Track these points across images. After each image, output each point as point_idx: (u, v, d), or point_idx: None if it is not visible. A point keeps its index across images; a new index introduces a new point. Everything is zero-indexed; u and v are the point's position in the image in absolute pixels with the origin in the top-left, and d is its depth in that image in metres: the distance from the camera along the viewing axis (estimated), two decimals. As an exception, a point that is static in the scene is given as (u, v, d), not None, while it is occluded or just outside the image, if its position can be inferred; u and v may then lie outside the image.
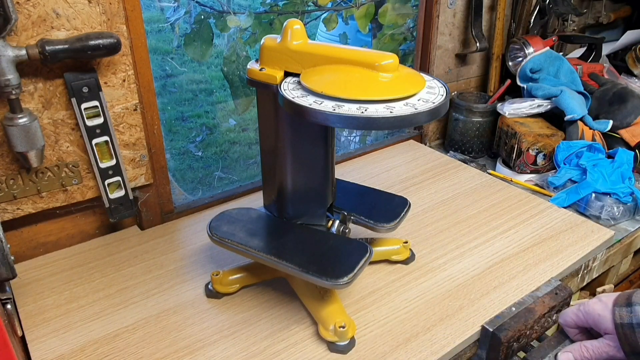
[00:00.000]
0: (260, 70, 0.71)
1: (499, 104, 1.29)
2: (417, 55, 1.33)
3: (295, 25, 0.69)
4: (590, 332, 0.67)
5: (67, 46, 0.76)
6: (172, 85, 1.50)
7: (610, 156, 1.15)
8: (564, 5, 1.43)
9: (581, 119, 1.20)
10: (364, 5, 1.39)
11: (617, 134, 1.22)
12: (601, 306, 0.62)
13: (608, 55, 1.59)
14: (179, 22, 1.28)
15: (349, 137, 1.68)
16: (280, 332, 0.77)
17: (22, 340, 0.76)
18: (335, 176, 0.84)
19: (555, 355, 0.69)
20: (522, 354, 0.85)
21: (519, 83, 1.33)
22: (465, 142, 1.34)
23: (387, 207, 0.87)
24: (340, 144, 1.66)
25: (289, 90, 0.66)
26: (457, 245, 0.96)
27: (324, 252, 0.75)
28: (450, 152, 1.36)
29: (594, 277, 1.04)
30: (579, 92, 1.27)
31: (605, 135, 1.22)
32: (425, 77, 0.69)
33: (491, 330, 0.77)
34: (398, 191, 1.07)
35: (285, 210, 0.81)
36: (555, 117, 1.25)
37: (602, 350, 0.62)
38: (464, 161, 1.30)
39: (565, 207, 1.08)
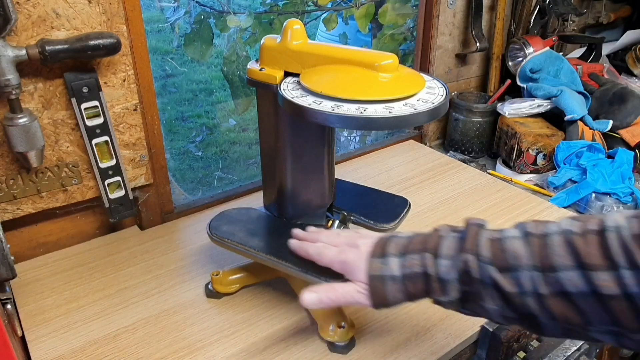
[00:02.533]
0: (260, 70, 0.71)
1: (499, 104, 1.29)
2: (417, 55, 1.33)
3: (295, 25, 0.69)
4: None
5: (67, 46, 0.76)
6: (172, 85, 1.50)
7: (610, 156, 1.15)
8: (564, 5, 1.43)
9: (581, 119, 1.20)
10: (364, 5, 1.39)
11: (617, 134, 1.22)
12: (358, 256, 0.58)
13: (608, 55, 1.59)
14: (179, 22, 1.28)
15: (349, 137, 1.68)
16: (280, 332, 0.77)
17: (22, 340, 0.76)
18: (335, 176, 0.84)
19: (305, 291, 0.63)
20: (522, 354, 0.85)
21: (519, 83, 1.33)
22: (465, 142, 1.34)
23: (387, 207, 0.87)
24: (340, 144, 1.66)
25: (289, 90, 0.66)
26: (457, 245, 0.96)
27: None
28: (450, 152, 1.36)
29: (594, 277, 1.03)
30: (579, 92, 1.27)
31: (605, 135, 1.22)
32: (425, 77, 0.69)
33: (491, 330, 0.77)
34: (398, 191, 1.07)
35: (285, 210, 0.81)
36: (555, 117, 1.25)
37: (351, 296, 0.58)
38: (464, 161, 1.30)
39: (565, 207, 1.08)
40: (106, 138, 0.87)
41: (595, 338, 0.48)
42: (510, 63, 1.39)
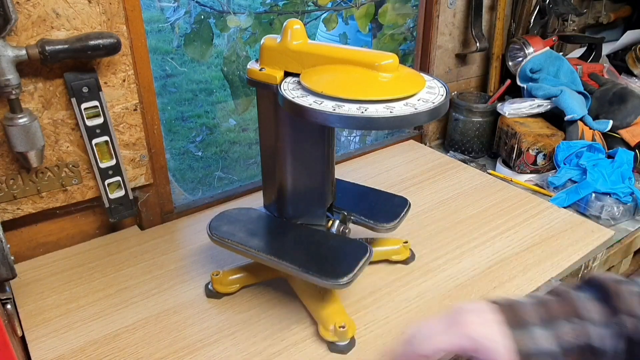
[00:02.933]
0: (260, 70, 0.71)
1: (499, 104, 1.29)
2: (417, 55, 1.33)
3: (295, 25, 0.69)
4: None
5: (67, 46, 0.76)
6: (172, 85, 1.50)
7: (610, 156, 1.15)
8: (564, 5, 1.43)
9: (581, 119, 1.20)
10: (364, 5, 1.39)
11: (617, 134, 1.22)
12: (488, 328, 0.46)
13: (608, 55, 1.59)
14: (179, 22, 1.28)
15: (349, 137, 1.68)
16: (280, 332, 0.77)
17: (22, 340, 0.76)
18: (335, 176, 0.84)
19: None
20: (522, 354, 0.85)
21: (519, 83, 1.33)
22: (465, 142, 1.34)
23: (387, 207, 0.87)
24: (340, 144, 1.65)
25: (289, 90, 0.66)
26: (457, 245, 0.96)
27: (324, 252, 0.75)
28: (450, 152, 1.36)
29: (594, 277, 1.03)
30: (579, 92, 1.27)
31: (605, 135, 1.22)
32: (425, 77, 0.69)
33: (491, 330, 0.77)
34: (398, 191, 1.07)
35: (285, 210, 0.81)
36: (555, 117, 1.25)
37: None
38: (464, 161, 1.30)
39: (565, 207, 1.08)
40: (106, 138, 0.87)
41: None
42: (510, 63, 1.39)
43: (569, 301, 0.47)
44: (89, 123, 0.84)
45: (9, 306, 0.75)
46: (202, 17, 1.23)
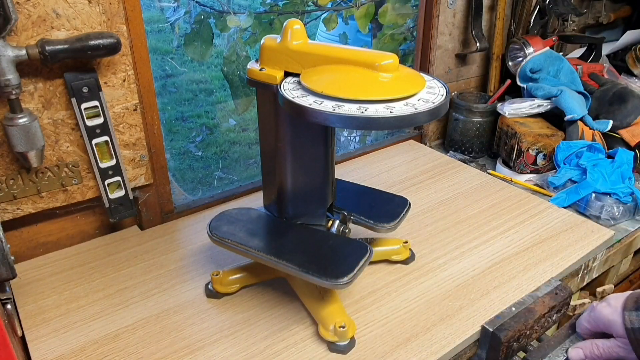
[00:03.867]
0: (260, 70, 0.71)
1: (499, 104, 1.29)
2: (417, 55, 1.33)
3: (295, 25, 0.69)
4: (604, 333, 0.68)
5: (67, 46, 0.76)
6: (172, 85, 1.50)
7: (610, 156, 1.15)
8: (564, 5, 1.43)
9: (581, 119, 1.20)
10: (364, 5, 1.39)
11: (617, 134, 1.22)
12: (610, 310, 0.63)
13: (608, 55, 1.59)
14: (179, 22, 1.28)
15: (349, 137, 1.68)
16: (280, 332, 0.77)
17: (22, 340, 0.76)
18: (335, 176, 0.84)
19: (567, 350, 0.70)
20: (522, 354, 0.85)
21: (519, 83, 1.33)
22: (465, 142, 1.34)
23: (387, 207, 0.87)
24: (340, 144, 1.65)
25: (289, 90, 0.66)
26: (457, 245, 0.96)
27: (324, 252, 0.75)
28: (450, 152, 1.36)
29: (594, 277, 1.04)
30: (579, 92, 1.27)
31: (605, 135, 1.22)
32: (425, 77, 0.69)
33: (491, 330, 0.77)
34: (398, 191, 1.07)
35: (285, 210, 0.81)
36: (555, 117, 1.25)
37: (613, 351, 0.62)
38: (464, 161, 1.30)
39: (565, 207, 1.08)
40: (106, 138, 0.87)
41: None
42: (510, 63, 1.38)
43: None
44: (89, 123, 0.84)
45: (9, 306, 0.75)
46: (202, 17, 1.23)
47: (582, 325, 0.70)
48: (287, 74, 0.70)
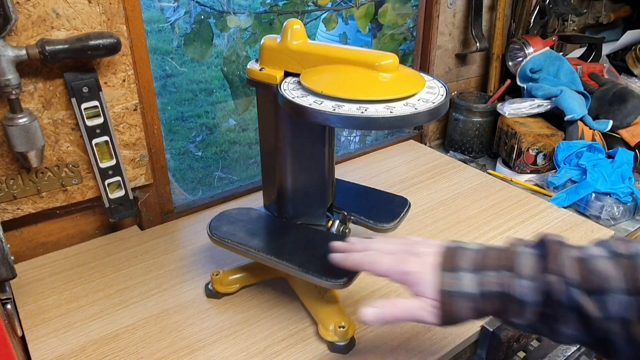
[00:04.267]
0: (260, 70, 0.71)
1: (499, 104, 1.29)
2: (417, 55, 1.33)
3: (295, 25, 0.69)
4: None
5: (67, 46, 0.76)
6: (172, 85, 1.49)
7: (610, 156, 1.15)
8: (564, 5, 1.43)
9: (581, 119, 1.20)
10: (364, 5, 1.39)
11: (617, 134, 1.22)
12: (423, 266, 0.53)
13: (608, 55, 1.59)
14: (179, 22, 1.28)
15: (349, 137, 1.68)
16: (280, 332, 0.77)
17: (22, 340, 0.76)
18: (335, 176, 0.84)
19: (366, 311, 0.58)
20: (522, 354, 0.85)
21: (519, 83, 1.33)
22: (465, 142, 1.34)
23: (387, 207, 0.87)
24: (340, 144, 1.65)
25: (289, 90, 0.66)
26: (457, 245, 0.96)
27: (324, 252, 0.75)
28: (450, 152, 1.36)
29: (594, 277, 1.03)
30: (579, 92, 1.27)
31: (605, 135, 1.22)
32: (425, 77, 0.69)
33: (491, 330, 0.77)
34: (398, 191, 1.07)
35: (285, 210, 0.81)
36: (555, 117, 1.25)
37: (414, 312, 0.53)
38: (464, 161, 1.30)
39: (565, 207, 1.08)
40: (106, 138, 0.87)
41: None
42: (510, 63, 1.39)
43: (509, 254, 0.52)
44: (89, 123, 0.84)
45: (9, 306, 0.75)
46: (202, 17, 1.23)
47: (381, 265, 0.57)
48: (287, 74, 0.70)
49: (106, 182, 0.90)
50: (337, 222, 0.81)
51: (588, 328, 0.47)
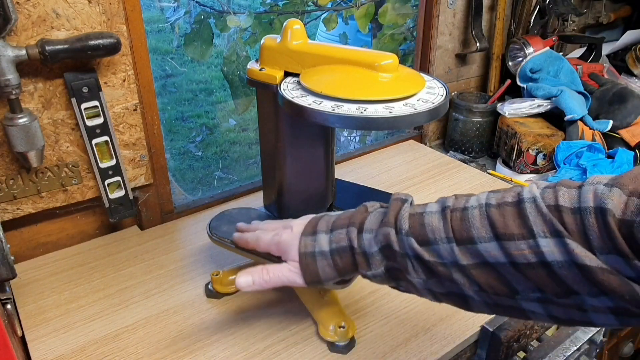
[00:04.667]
0: (260, 70, 0.71)
1: (499, 104, 1.29)
2: (417, 55, 1.33)
3: (295, 25, 0.69)
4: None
5: (67, 46, 0.76)
6: (172, 85, 1.50)
7: (610, 156, 1.15)
8: (564, 5, 1.43)
9: (581, 119, 1.20)
10: (364, 5, 1.39)
11: (617, 134, 1.22)
12: (291, 236, 0.60)
13: (608, 55, 1.59)
14: (179, 22, 1.28)
15: (349, 137, 1.68)
16: (280, 332, 0.77)
17: (22, 340, 0.76)
18: (335, 176, 0.84)
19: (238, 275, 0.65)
20: (522, 354, 0.85)
21: (519, 83, 1.33)
22: (465, 142, 1.34)
23: (387, 207, 0.87)
24: (340, 144, 1.65)
25: (289, 90, 0.66)
26: (457, 245, 0.95)
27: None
28: (450, 152, 1.36)
29: (594, 277, 1.03)
30: (579, 92, 1.27)
31: (605, 135, 1.22)
32: (425, 77, 0.69)
33: (491, 330, 0.77)
34: (398, 191, 1.07)
35: (285, 210, 0.81)
36: (555, 117, 1.25)
37: (284, 275, 0.60)
38: (464, 161, 1.30)
39: (565, 207, 1.08)
40: (106, 138, 0.87)
41: (524, 309, 0.48)
42: (510, 63, 1.39)
43: (362, 213, 0.58)
44: (89, 123, 0.84)
45: (9, 306, 0.75)
46: (202, 17, 1.23)
47: (262, 242, 0.64)
48: (287, 74, 0.70)
49: (106, 182, 0.90)
50: (337, 222, 0.81)
51: (432, 275, 0.51)
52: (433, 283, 0.52)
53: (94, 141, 0.86)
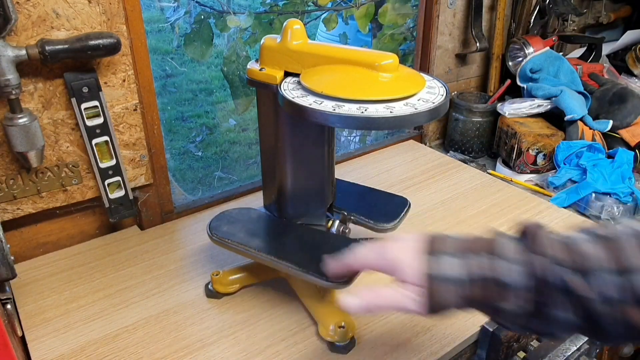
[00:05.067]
0: (260, 70, 0.71)
1: (499, 104, 1.29)
2: (417, 55, 1.33)
3: (295, 25, 0.69)
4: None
5: (67, 46, 0.76)
6: (172, 85, 1.50)
7: (610, 156, 1.15)
8: (564, 5, 1.43)
9: (581, 119, 1.20)
10: (364, 5, 1.39)
11: (617, 134, 1.22)
12: (402, 251, 0.51)
13: (608, 55, 1.59)
14: (179, 22, 1.28)
15: (349, 137, 1.68)
16: (280, 332, 0.77)
17: (22, 340, 0.76)
18: (335, 176, 0.84)
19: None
20: (522, 354, 0.85)
21: (519, 83, 1.33)
22: (465, 142, 1.34)
23: (387, 207, 0.87)
24: (340, 144, 1.65)
25: (289, 90, 0.66)
26: (457, 245, 0.95)
27: (324, 252, 0.75)
28: (450, 152, 1.36)
29: (594, 277, 1.03)
30: (579, 92, 1.27)
31: (605, 135, 1.22)
32: (425, 77, 0.69)
33: (491, 330, 0.77)
34: (398, 191, 1.07)
35: (285, 210, 0.81)
36: (555, 117, 1.25)
37: (400, 302, 0.50)
38: (464, 161, 1.30)
39: (565, 207, 1.08)
40: (106, 138, 0.87)
41: None
42: (510, 63, 1.39)
43: (489, 240, 0.50)
44: (89, 123, 0.84)
45: (9, 306, 0.75)
46: (202, 17, 1.23)
47: (361, 255, 0.56)
48: (287, 74, 0.70)
49: (106, 182, 0.90)
50: (337, 222, 0.81)
51: (581, 310, 0.45)
52: (577, 317, 0.46)
53: (94, 141, 0.86)
